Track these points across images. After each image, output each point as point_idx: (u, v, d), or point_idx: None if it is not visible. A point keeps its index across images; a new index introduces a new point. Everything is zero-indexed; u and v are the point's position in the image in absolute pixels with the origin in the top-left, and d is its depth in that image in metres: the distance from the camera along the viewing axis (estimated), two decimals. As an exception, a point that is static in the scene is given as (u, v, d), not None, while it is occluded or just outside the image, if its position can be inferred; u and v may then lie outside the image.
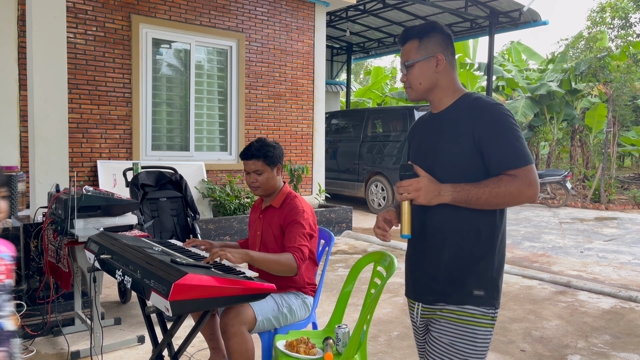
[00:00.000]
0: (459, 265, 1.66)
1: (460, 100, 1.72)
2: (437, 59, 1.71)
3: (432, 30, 1.73)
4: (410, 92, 1.76)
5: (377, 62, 29.14)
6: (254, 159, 2.55)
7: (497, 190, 1.55)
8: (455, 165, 1.64)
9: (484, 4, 10.07)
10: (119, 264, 2.10)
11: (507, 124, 1.60)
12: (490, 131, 1.59)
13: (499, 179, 1.57)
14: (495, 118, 1.60)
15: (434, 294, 1.70)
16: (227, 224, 6.29)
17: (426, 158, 1.73)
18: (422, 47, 1.71)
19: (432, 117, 1.80)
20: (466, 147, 1.63)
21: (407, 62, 1.73)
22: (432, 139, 1.73)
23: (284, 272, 2.38)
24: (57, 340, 3.46)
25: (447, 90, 1.74)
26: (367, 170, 9.66)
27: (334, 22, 11.73)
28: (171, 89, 6.80)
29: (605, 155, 11.63)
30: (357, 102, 18.26)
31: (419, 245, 1.76)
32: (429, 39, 1.72)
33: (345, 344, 2.31)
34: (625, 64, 12.59)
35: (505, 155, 1.58)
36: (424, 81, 1.72)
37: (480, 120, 1.61)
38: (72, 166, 5.77)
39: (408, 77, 1.74)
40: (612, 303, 4.46)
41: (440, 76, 1.72)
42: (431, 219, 1.70)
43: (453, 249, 1.67)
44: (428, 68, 1.71)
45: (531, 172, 1.57)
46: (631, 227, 8.42)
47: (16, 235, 3.73)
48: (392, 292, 4.67)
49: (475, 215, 1.64)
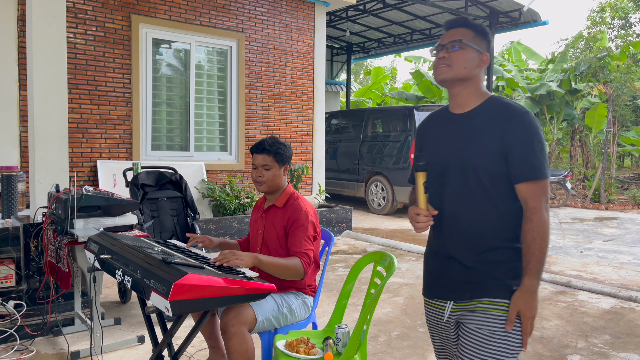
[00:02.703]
0: (493, 259, 1.67)
1: (488, 104, 1.71)
2: (483, 58, 1.72)
3: (487, 33, 1.75)
4: (447, 70, 1.71)
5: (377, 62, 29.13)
6: (265, 153, 2.56)
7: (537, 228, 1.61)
8: (481, 170, 1.65)
9: (484, 4, 10.07)
10: (119, 264, 2.10)
11: (537, 135, 1.62)
12: (519, 139, 1.61)
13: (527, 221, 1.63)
14: (526, 127, 1.62)
15: (470, 290, 1.69)
16: (227, 224, 6.29)
17: (447, 158, 1.72)
18: (476, 39, 1.72)
19: (454, 116, 1.77)
20: (493, 152, 1.63)
21: (465, 41, 1.70)
22: (457, 140, 1.72)
23: (291, 277, 2.39)
24: (57, 340, 3.46)
25: (476, 89, 1.73)
26: (367, 170, 9.66)
27: (334, 22, 11.73)
28: (171, 89, 6.80)
29: (605, 155, 11.63)
30: (357, 102, 18.27)
31: (447, 243, 1.74)
32: (483, 38, 1.73)
33: (345, 344, 2.31)
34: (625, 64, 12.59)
35: (527, 165, 1.61)
36: (468, 67, 1.70)
37: (512, 127, 1.62)
38: (72, 166, 5.77)
39: (453, 56, 1.70)
40: (612, 303, 4.46)
41: (477, 74, 1.72)
42: (461, 216, 1.70)
43: (485, 243, 1.67)
44: (475, 59, 1.70)
45: (546, 186, 1.63)
46: (631, 227, 8.42)
47: (16, 235, 3.73)
48: (392, 292, 4.67)
49: (506, 211, 1.67)
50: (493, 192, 1.66)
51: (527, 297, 1.60)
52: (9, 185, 4.35)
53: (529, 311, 1.60)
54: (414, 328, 3.78)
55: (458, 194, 1.70)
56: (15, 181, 4.39)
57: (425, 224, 1.71)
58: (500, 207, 1.67)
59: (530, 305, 1.60)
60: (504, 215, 1.67)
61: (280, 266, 2.33)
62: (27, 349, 3.28)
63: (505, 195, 1.66)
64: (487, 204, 1.67)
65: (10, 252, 3.68)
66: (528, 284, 1.61)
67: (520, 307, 1.61)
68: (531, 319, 1.60)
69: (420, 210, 1.71)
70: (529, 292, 1.60)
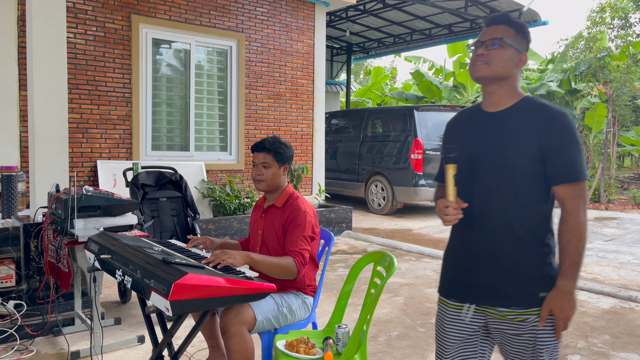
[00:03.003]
0: (522, 262, 1.65)
1: (523, 103, 1.69)
2: (521, 58, 1.70)
3: (527, 32, 1.72)
4: (485, 68, 1.68)
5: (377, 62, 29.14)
6: (265, 151, 2.57)
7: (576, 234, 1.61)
8: (516, 169, 1.63)
9: (484, 4, 10.07)
10: (119, 264, 2.10)
11: (575, 136, 1.60)
12: (557, 141, 1.59)
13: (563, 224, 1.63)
14: (565, 129, 1.60)
15: (497, 296, 1.67)
16: (227, 224, 6.29)
17: (478, 156, 1.70)
18: (517, 38, 1.70)
19: (487, 116, 1.74)
20: (529, 152, 1.62)
21: (505, 40, 1.67)
22: (490, 139, 1.69)
23: (284, 276, 2.39)
24: (57, 340, 3.46)
25: (511, 89, 1.71)
26: (367, 170, 9.66)
27: (334, 22, 11.73)
28: (171, 89, 6.81)
29: (605, 155, 11.63)
30: (357, 102, 18.27)
31: (475, 242, 1.71)
32: (523, 37, 1.71)
33: (345, 344, 2.31)
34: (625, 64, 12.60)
35: (566, 167, 1.59)
36: (506, 66, 1.67)
37: (550, 128, 1.60)
38: (72, 166, 5.77)
39: (492, 53, 1.67)
40: (612, 303, 4.46)
41: (514, 73, 1.70)
42: (490, 215, 1.68)
43: (517, 251, 1.65)
44: (514, 58, 1.68)
45: (585, 188, 1.62)
46: (631, 227, 8.42)
47: (16, 235, 3.74)
48: (392, 292, 4.67)
49: (539, 213, 1.66)
50: (525, 193, 1.64)
51: (560, 298, 1.59)
52: (9, 185, 4.35)
53: (560, 312, 1.59)
54: (414, 328, 3.78)
55: (489, 192, 1.68)
56: (15, 181, 4.39)
57: (454, 216, 1.67)
58: (532, 208, 1.65)
59: (562, 306, 1.59)
60: (535, 216, 1.66)
61: (273, 265, 2.34)
62: (27, 349, 3.28)
63: (537, 196, 1.65)
64: (519, 203, 1.65)
65: (11, 252, 3.68)
66: (561, 285, 1.60)
67: (552, 307, 1.60)
68: (564, 319, 1.59)
69: (449, 202, 1.67)
70: (561, 293, 1.59)
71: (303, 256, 2.42)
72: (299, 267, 2.39)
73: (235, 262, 2.19)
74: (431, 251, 6.27)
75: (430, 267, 5.60)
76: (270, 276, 2.37)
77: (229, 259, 2.16)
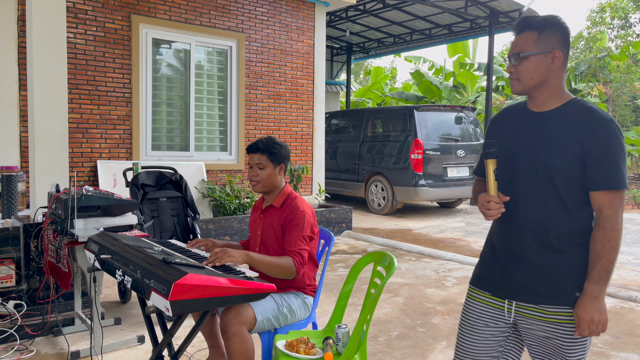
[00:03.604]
0: (560, 262, 1.66)
1: (569, 106, 1.67)
2: (554, 56, 1.64)
3: (554, 25, 1.66)
4: (517, 84, 1.69)
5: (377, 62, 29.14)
6: (259, 152, 2.58)
7: (611, 239, 1.61)
8: (556, 171, 1.62)
9: (484, 4, 10.07)
10: (119, 264, 2.10)
11: (619, 144, 1.59)
12: (600, 147, 1.58)
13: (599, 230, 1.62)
14: (610, 136, 1.58)
15: (534, 294, 1.68)
16: (227, 224, 6.29)
17: (519, 154, 1.70)
18: (541, 40, 1.64)
19: (532, 115, 1.73)
20: (571, 156, 1.60)
21: (523, 54, 1.65)
22: (533, 139, 1.68)
23: (283, 276, 2.39)
24: (57, 340, 3.46)
25: (555, 90, 1.68)
26: (367, 170, 9.66)
27: (334, 22, 11.73)
28: (171, 89, 6.81)
29: (605, 155, 11.61)
30: (357, 102, 18.27)
31: (514, 240, 1.72)
32: (550, 34, 1.64)
33: (345, 344, 2.31)
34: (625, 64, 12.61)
35: (608, 174, 1.58)
36: (535, 76, 1.65)
37: (595, 134, 1.58)
38: (72, 166, 5.77)
39: (518, 69, 1.67)
40: (612, 303, 4.46)
41: (553, 74, 1.66)
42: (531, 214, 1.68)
43: (553, 245, 1.66)
44: (543, 63, 1.64)
45: (624, 197, 1.61)
46: (631, 227, 8.42)
47: (16, 235, 3.73)
48: (392, 292, 4.68)
49: (577, 215, 1.65)
50: (565, 194, 1.64)
51: (586, 302, 1.59)
52: (9, 185, 4.35)
53: (585, 314, 1.58)
54: (414, 328, 3.78)
55: (528, 192, 1.68)
56: (15, 181, 4.39)
57: (497, 210, 1.68)
58: (572, 210, 1.64)
59: (587, 309, 1.58)
60: (575, 218, 1.65)
61: (272, 264, 2.34)
62: (27, 349, 3.29)
63: (577, 198, 1.64)
64: (557, 204, 1.65)
65: (11, 252, 3.68)
66: (588, 289, 1.59)
67: (578, 310, 1.60)
68: (589, 322, 1.58)
69: (491, 197, 1.68)
70: (587, 296, 1.59)
71: (302, 256, 2.43)
72: (298, 267, 2.40)
73: (235, 261, 2.20)
74: (431, 251, 6.27)
75: (430, 267, 5.60)
76: (270, 276, 2.37)
77: (228, 258, 2.17)
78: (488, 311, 1.79)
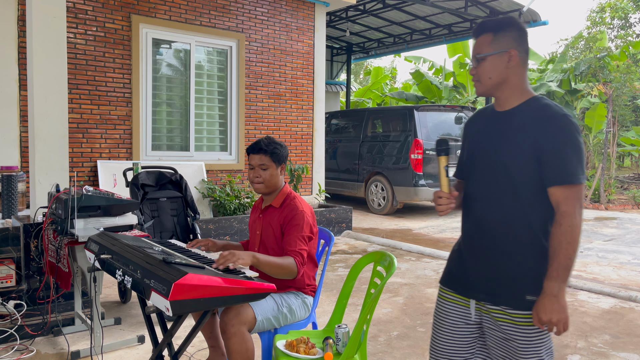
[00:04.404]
0: (516, 262, 1.66)
1: (528, 103, 1.69)
2: (510, 55, 1.68)
3: (509, 25, 1.70)
4: (478, 85, 1.74)
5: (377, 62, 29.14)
6: (261, 153, 2.57)
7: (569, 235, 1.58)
8: (513, 169, 1.64)
9: (484, 4, 10.08)
10: (119, 264, 2.10)
11: (572, 139, 1.59)
12: (554, 143, 1.59)
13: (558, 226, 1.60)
14: (564, 131, 1.59)
15: (491, 294, 1.69)
16: (227, 224, 6.29)
17: (485, 156, 1.74)
18: (496, 40, 1.69)
19: (495, 114, 1.77)
20: (527, 153, 1.62)
21: (479, 55, 1.70)
22: (494, 138, 1.72)
23: (285, 276, 2.39)
24: (57, 340, 3.46)
25: (515, 88, 1.71)
26: (367, 170, 9.66)
27: (334, 22, 11.73)
28: (171, 89, 6.81)
29: (605, 155, 11.63)
30: (357, 102, 18.26)
31: (475, 241, 1.75)
32: (505, 34, 1.69)
33: (345, 344, 2.32)
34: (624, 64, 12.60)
35: (561, 169, 1.58)
36: (493, 76, 1.69)
37: (548, 130, 1.60)
38: (72, 166, 5.78)
39: (478, 71, 1.72)
40: (612, 303, 4.46)
41: (511, 72, 1.69)
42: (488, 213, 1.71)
43: (510, 250, 1.67)
44: (500, 63, 1.68)
45: (581, 192, 1.59)
46: (631, 227, 8.42)
47: (16, 235, 3.74)
48: (392, 292, 4.68)
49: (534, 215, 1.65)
50: (522, 193, 1.65)
51: (545, 302, 1.58)
52: (9, 185, 4.35)
53: (544, 314, 1.57)
54: (414, 328, 3.78)
55: (489, 189, 1.71)
56: (15, 181, 4.39)
57: (446, 206, 1.72)
58: (529, 210, 1.65)
59: (546, 309, 1.57)
60: (532, 218, 1.65)
61: (275, 265, 2.34)
62: (27, 349, 3.29)
63: (535, 198, 1.65)
64: (514, 203, 1.66)
65: (11, 252, 3.68)
66: (546, 287, 1.59)
67: (538, 309, 1.59)
68: (548, 322, 1.57)
69: (442, 193, 1.72)
70: (546, 295, 1.58)
71: (302, 256, 2.43)
72: (299, 267, 2.40)
73: (244, 263, 2.19)
74: (431, 251, 6.27)
75: (430, 267, 5.60)
76: (272, 276, 2.37)
77: (238, 261, 2.15)
78: (455, 310, 1.80)
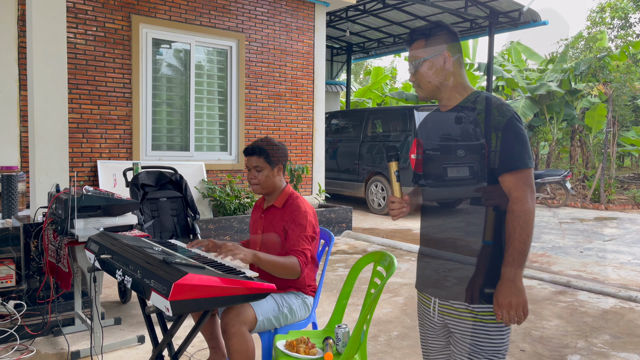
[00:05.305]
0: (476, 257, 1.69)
1: (468, 99, 1.74)
2: (444, 57, 1.72)
3: (438, 29, 1.75)
4: (420, 91, 1.79)
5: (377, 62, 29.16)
6: (255, 155, 2.59)
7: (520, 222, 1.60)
8: (465, 162, 1.71)
9: (484, 4, 10.07)
10: (119, 264, 2.10)
11: (514, 126, 1.62)
12: (497, 132, 1.63)
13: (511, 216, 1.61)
14: (505, 120, 1.63)
15: (451, 290, 1.72)
16: (227, 224, 6.29)
17: (438, 155, 1.81)
18: (429, 45, 1.73)
19: (440, 115, 1.83)
20: (474, 147, 1.68)
21: (415, 62, 1.75)
22: (442, 137, 1.79)
23: (288, 275, 2.39)
24: (57, 340, 3.46)
25: (455, 88, 1.76)
26: (367, 170, 9.66)
27: (334, 22, 11.73)
28: (171, 89, 6.81)
29: (605, 155, 11.63)
30: (357, 102, 18.26)
31: (433, 238, 1.82)
32: (435, 38, 1.74)
33: (345, 344, 2.32)
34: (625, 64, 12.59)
35: (508, 157, 1.61)
36: (432, 79, 1.74)
37: (490, 120, 1.64)
38: (72, 166, 5.77)
39: (417, 77, 1.76)
40: (612, 303, 4.46)
41: (448, 74, 1.74)
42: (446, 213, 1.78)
43: (469, 244, 1.71)
44: (434, 67, 1.73)
45: (530, 176, 1.61)
46: (631, 227, 8.42)
47: (16, 235, 3.73)
48: (392, 292, 4.67)
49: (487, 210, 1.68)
50: (475, 187, 1.70)
51: (503, 286, 1.60)
52: (9, 185, 4.35)
53: (502, 298, 1.59)
54: (414, 328, 3.78)
55: (446, 187, 1.78)
56: (15, 181, 4.39)
57: (398, 210, 1.80)
58: (481, 205, 1.69)
59: (504, 293, 1.59)
60: (484, 214, 1.68)
61: (277, 264, 2.34)
62: (27, 349, 3.29)
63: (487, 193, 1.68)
64: (472, 199, 1.71)
65: (11, 252, 3.68)
66: (504, 273, 1.61)
67: (497, 297, 1.61)
68: (506, 307, 1.59)
69: (394, 198, 1.81)
70: (504, 280, 1.60)
71: (305, 256, 2.43)
72: (302, 266, 2.40)
73: (244, 260, 2.20)
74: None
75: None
76: (274, 276, 2.37)
77: (240, 254, 2.18)
78: (424, 311, 1.85)
